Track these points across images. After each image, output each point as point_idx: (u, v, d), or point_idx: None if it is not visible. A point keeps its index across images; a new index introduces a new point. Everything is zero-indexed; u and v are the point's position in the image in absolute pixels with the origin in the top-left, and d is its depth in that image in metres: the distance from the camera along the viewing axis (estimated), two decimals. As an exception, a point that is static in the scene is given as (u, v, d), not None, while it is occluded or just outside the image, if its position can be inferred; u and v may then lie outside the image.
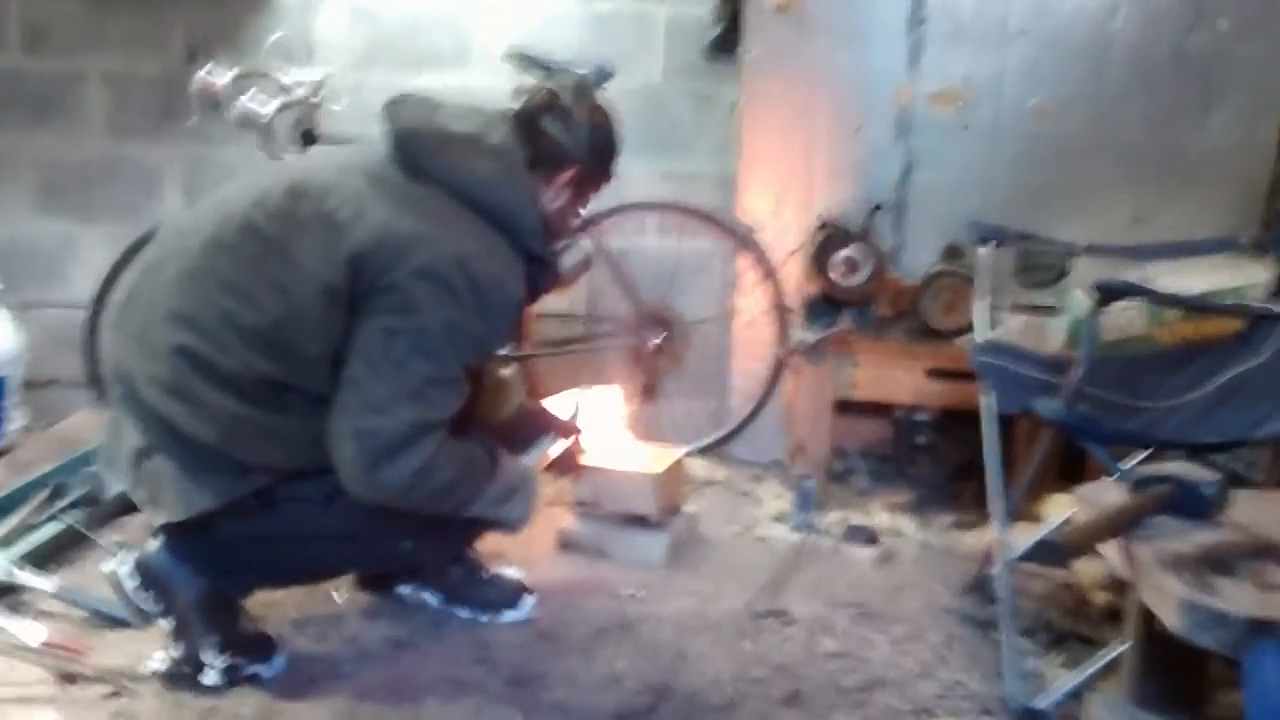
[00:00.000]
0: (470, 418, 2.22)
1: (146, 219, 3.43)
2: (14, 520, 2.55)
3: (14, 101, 3.48)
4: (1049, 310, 3.05)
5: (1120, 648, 2.00)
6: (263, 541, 2.06)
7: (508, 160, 2.12)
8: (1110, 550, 1.77)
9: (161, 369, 1.98)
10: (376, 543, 2.16)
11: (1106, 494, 1.91)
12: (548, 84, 2.23)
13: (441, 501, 2.08)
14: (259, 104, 3.00)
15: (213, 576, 2.09)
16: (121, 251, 3.29)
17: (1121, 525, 1.63)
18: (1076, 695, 2.03)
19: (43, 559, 2.54)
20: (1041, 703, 2.03)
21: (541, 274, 2.20)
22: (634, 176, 3.58)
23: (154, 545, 2.10)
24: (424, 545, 2.24)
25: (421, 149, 2.08)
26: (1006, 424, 2.46)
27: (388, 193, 2.03)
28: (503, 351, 3.14)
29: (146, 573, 2.08)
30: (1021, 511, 2.65)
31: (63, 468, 2.82)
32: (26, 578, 2.33)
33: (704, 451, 3.53)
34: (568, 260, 2.28)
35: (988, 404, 2.36)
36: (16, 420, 3.28)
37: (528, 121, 2.17)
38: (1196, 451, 2.18)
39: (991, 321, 2.79)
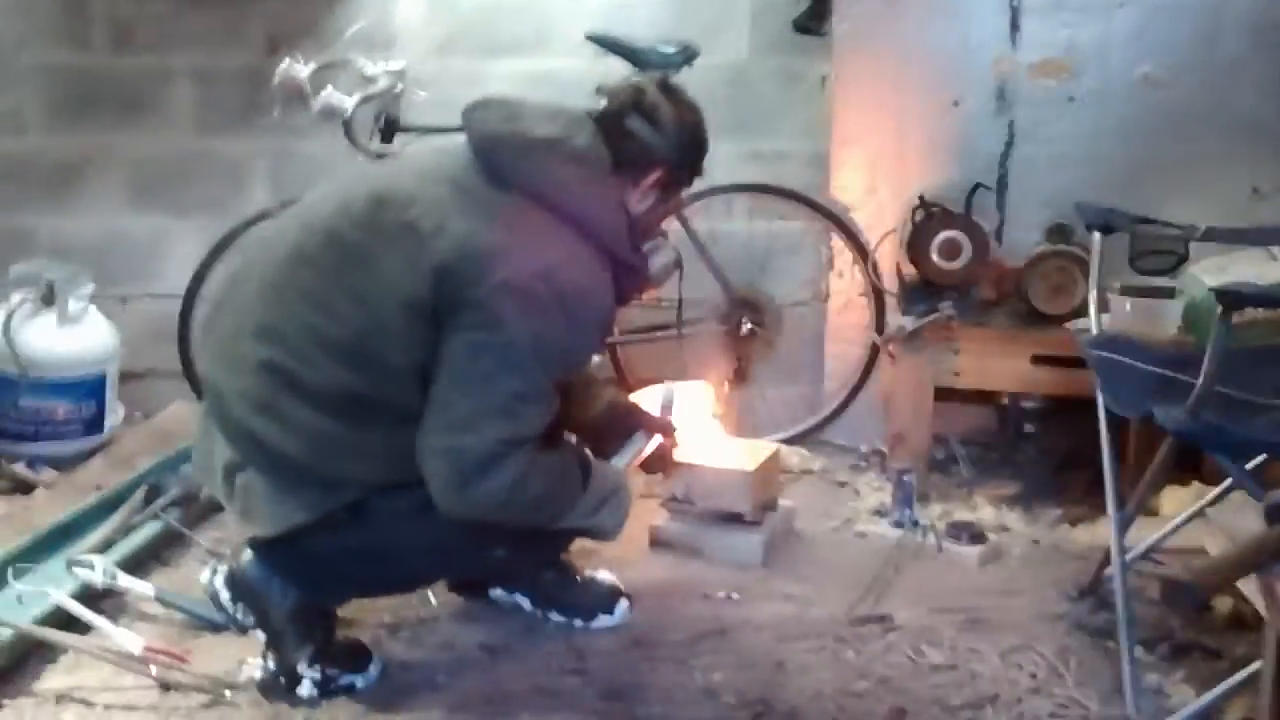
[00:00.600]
0: (559, 417, 2.17)
1: (235, 212, 3.42)
2: (113, 522, 2.57)
3: (103, 100, 3.50)
4: (1163, 292, 2.90)
5: (1251, 668, 1.88)
6: (355, 553, 2.03)
7: (592, 164, 2.04)
8: (1247, 585, 1.65)
9: (248, 384, 1.96)
10: (469, 552, 2.13)
11: (1239, 519, 1.79)
12: (633, 81, 2.14)
13: (535, 515, 2.04)
14: (340, 97, 2.97)
15: (305, 588, 2.07)
16: (212, 245, 3.30)
17: (1260, 561, 1.51)
18: (1204, 718, 1.92)
19: (142, 560, 2.56)
20: (1167, 724, 1.92)
21: (630, 279, 2.13)
22: (721, 157, 3.41)
23: (246, 557, 2.09)
24: (517, 552, 2.19)
25: (503, 156, 2.02)
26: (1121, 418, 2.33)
27: (471, 202, 1.98)
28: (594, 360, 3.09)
29: (239, 585, 2.08)
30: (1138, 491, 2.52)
31: (159, 466, 2.85)
32: (127, 582, 2.34)
33: (798, 439, 3.44)
34: (656, 262, 2.21)
35: (1103, 404, 2.23)
36: (116, 413, 3.32)
37: (613, 122, 2.08)
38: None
39: (1102, 305, 2.66)
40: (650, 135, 2.09)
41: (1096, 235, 2.55)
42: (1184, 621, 2.33)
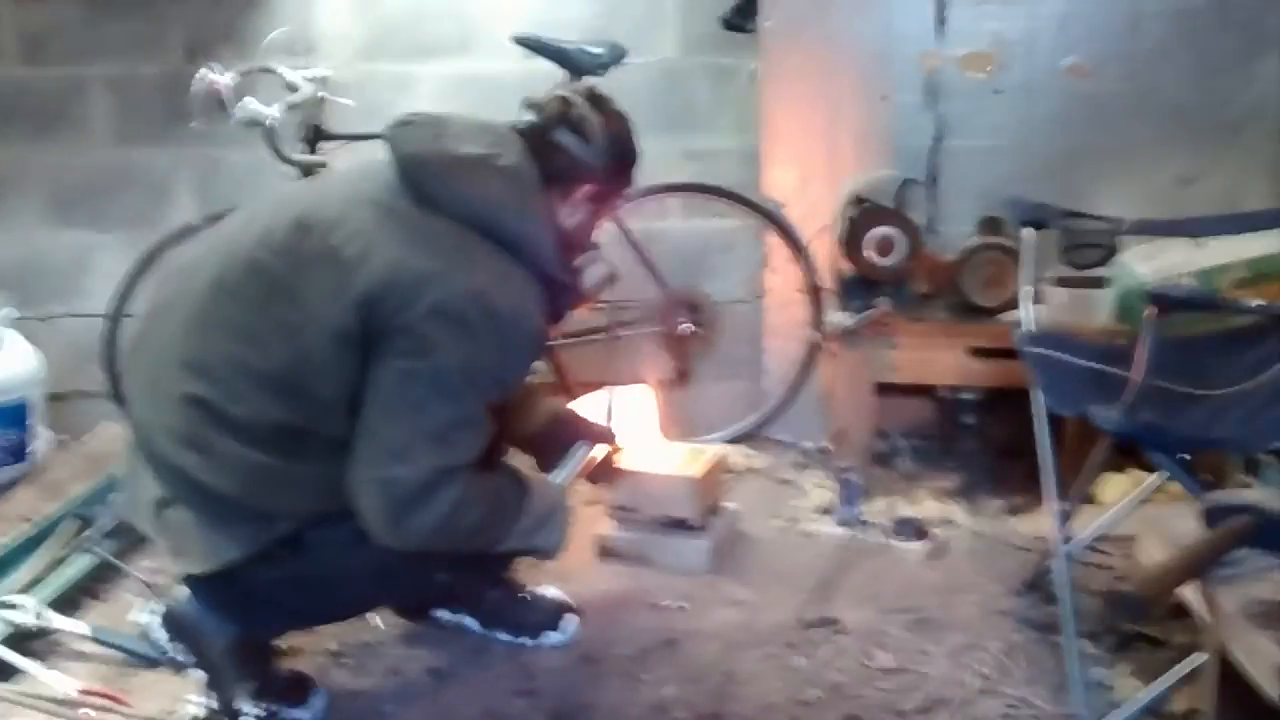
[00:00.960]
0: (499, 432, 2.13)
1: (160, 225, 3.34)
2: (42, 557, 2.49)
3: (16, 113, 3.40)
4: (1095, 281, 2.93)
5: (1194, 662, 1.90)
6: (292, 585, 1.98)
7: (520, 182, 1.99)
8: (1190, 593, 1.66)
9: (174, 419, 1.90)
10: (410, 578, 2.09)
11: (1176, 522, 1.80)
12: (559, 93, 2.09)
13: (471, 542, 2.00)
14: (260, 107, 2.90)
15: (243, 623, 2.02)
16: (137, 260, 3.21)
17: (1200, 567, 1.52)
18: (1151, 712, 1.94)
19: (74, 595, 2.49)
20: (1113, 722, 1.94)
21: (563, 296, 2.09)
22: (653, 156, 3.40)
23: (180, 595, 2.04)
24: (459, 575, 2.18)
25: (429, 176, 1.96)
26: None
27: (396, 225, 1.92)
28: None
29: (174, 624, 2.03)
30: (1070, 492, 2.54)
31: (88, 496, 2.77)
32: (59, 621, 2.28)
33: (741, 437, 3.44)
34: (590, 275, 2.17)
35: (1038, 401, 2.24)
36: (42, 438, 3.23)
37: (540, 136, 2.04)
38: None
39: (1036, 296, 2.67)
40: (579, 148, 2.05)
41: (1026, 231, 2.56)
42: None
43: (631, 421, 2.69)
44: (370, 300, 1.85)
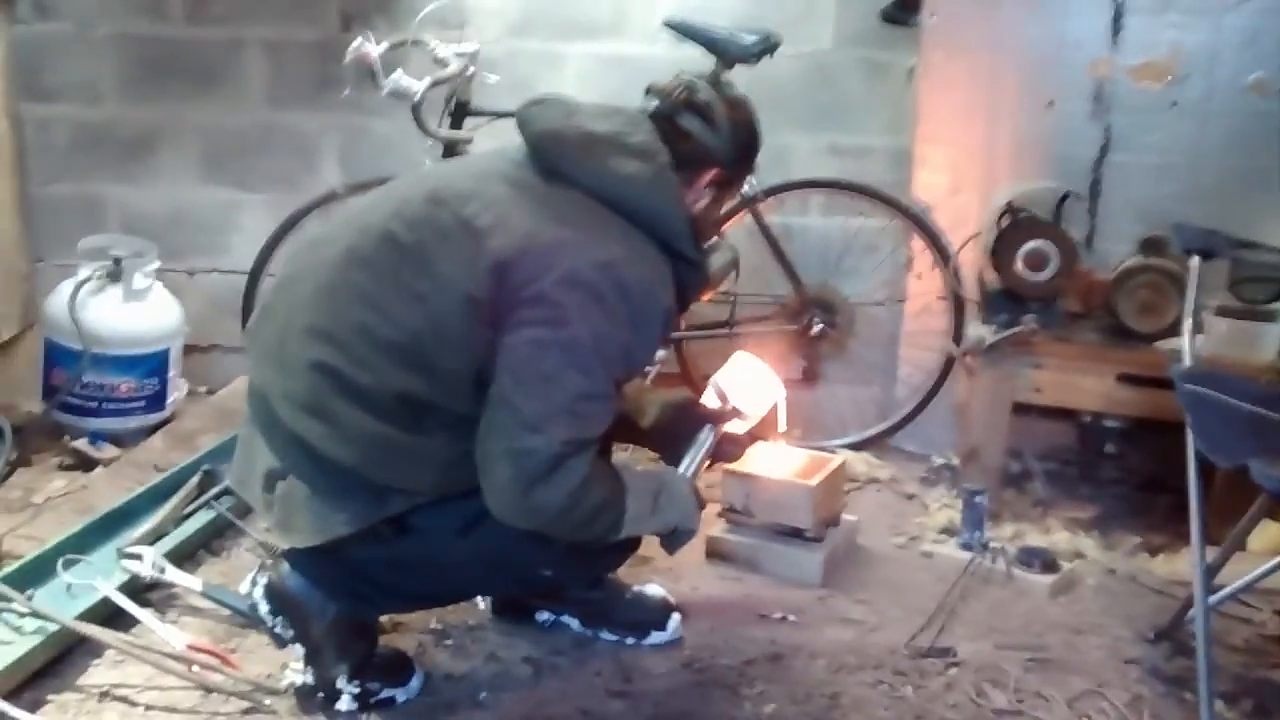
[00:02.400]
0: (616, 427, 2.09)
1: (304, 189, 3.40)
2: (166, 510, 2.55)
3: (177, 71, 3.47)
4: (1262, 314, 2.74)
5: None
6: (397, 567, 1.99)
7: (654, 161, 1.97)
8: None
9: (298, 386, 1.90)
10: (515, 570, 2.07)
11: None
12: (684, 79, 2.07)
13: (593, 524, 1.96)
14: (410, 80, 2.90)
15: (345, 601, 2.03)
16: (280, 222, 3.28)
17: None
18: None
19: (193, 550, 2.55)
20: (1245, 798, 1.80)
21: (692, 277, 2.05)
22: (799, 150, 3.37)
23: (285, 569, 2.04)
24: (565, 572, 2.14)
25: (564, 151, 1.96)
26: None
27: (529, 198, 1.92)
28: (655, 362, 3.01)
29: (278, 598, 2.03)
30: (1216, 535, 2.37)
31: (215, 451, 2.82)
32: (174, 576, 2.33)
33: (867, 444, 3.34)
34: (715, 262, 2.14)
35: (1193, 446, 2.09)
36: (180, 389, 3.32)
37: (669, 120, 2.02)
38: None
39: (1197, 326, 2.50)
40: (705, 134, 2.03)
41: (1194, 259, 2.40)
42: (1267, 669, 2.19)
43: (753, 391, 2.54)
44: (502, 268, 1.85)
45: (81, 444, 3.03)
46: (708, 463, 2.33)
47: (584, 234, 1.90)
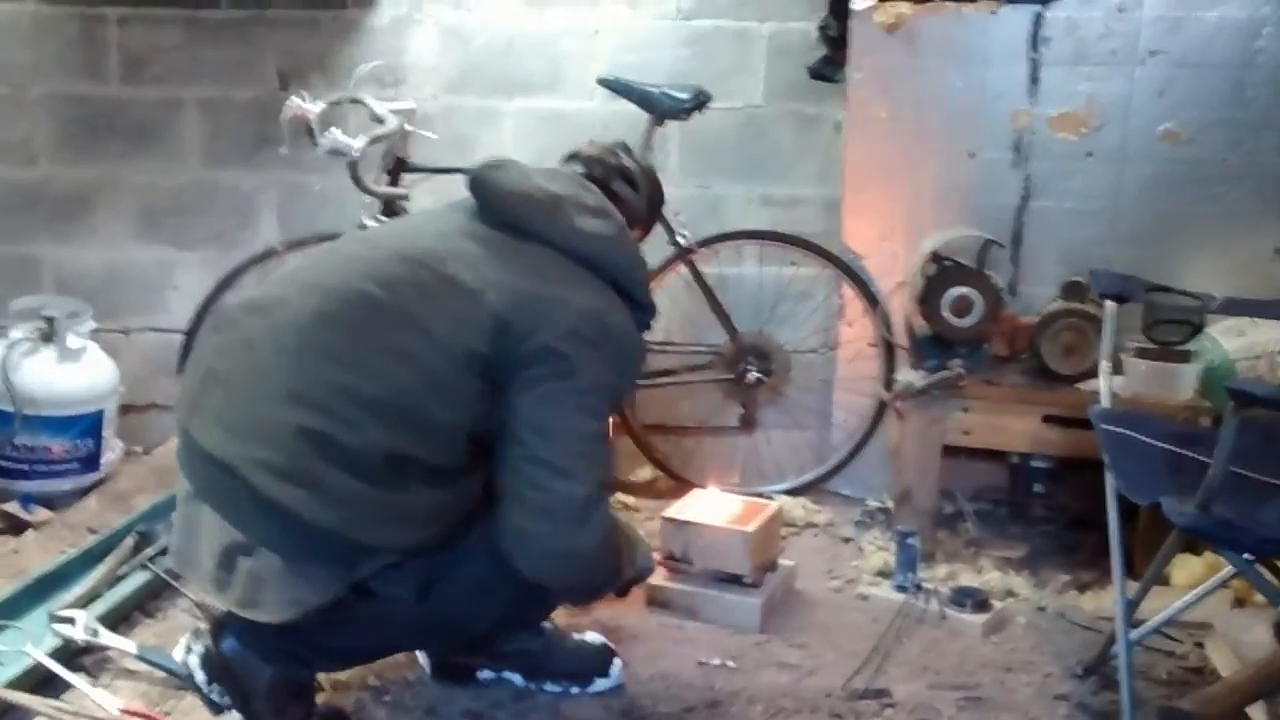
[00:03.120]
0: None
1: (242, 246, 3.41)
2: (99, 572, 2.53)
3: (112, 130, 3.48)
4: (1179, 355, 2.83)
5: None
6: (339, 629, 1.99)
7: (613, 219, 2.13)
8: (1257, 713, 1.57)
9: (275, 454, 1.84)
10: (457, 628, 2.11)
11: (1245, 632, 1.71)
12: (602, 146, 2.26)
13: (606, 567, 2.12)
14: (346, 140, 2.93)
15: (282, 664, 2.02)
16: (217, 280, 3.27)
17: (1268, 688, 1.44)
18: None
19: (128, 611, 2.52)
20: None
21: (645, 323, 2.20)
22: (732, 201, 3.45)
23: (222, 635, 2.02)
24: (506, 625, 2.19)
25: (534, 212, 2.07)
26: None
27: (504, 255, 2.02)
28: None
29: (213, 666, 2.02)
30: (1141, 570, 2.44)
31: (150, 512, 2.81)
32: (108, 639, 2.30)
33: (804, 489, 3.38)
34: None
35: (1112, 484, 2.16)
36: (114, 450, 3.30)
37: (603, 185, 2.19)
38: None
39: (1116, 367, 2.58)
40: (632, 197, 2.23)
41: (1109, 304, 2.48)
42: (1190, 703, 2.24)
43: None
44: (503, 324, 1.93)
45: (12, 507, 2.99)
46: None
47: (568, 288, 2.01)
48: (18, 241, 3.53)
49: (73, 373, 3.14)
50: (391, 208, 3.09)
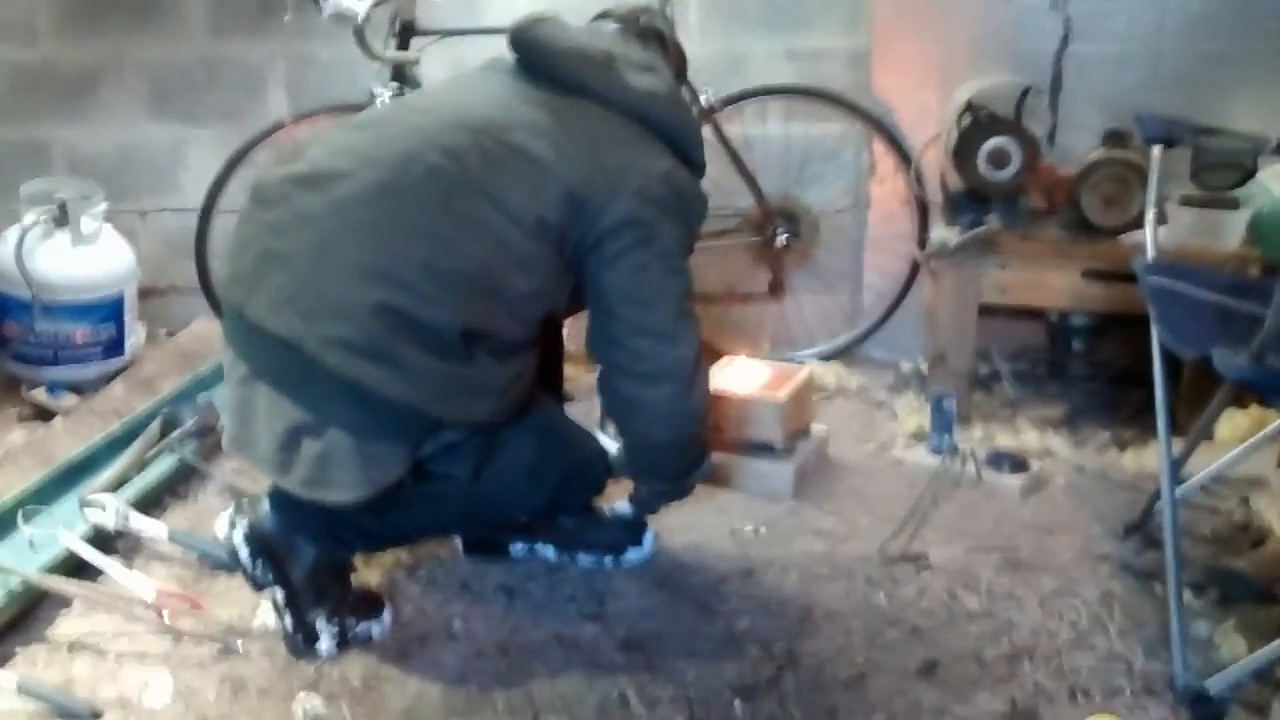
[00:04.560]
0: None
1: (252, 120, 3.31)
2: (127, 457, 2.52)
3: (115, 4, 3.35)
4: (1226, 202, 2.70)
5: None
6: (390, 512, 1.97)
7: (664, 76, 2.09)
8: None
9: (350, 330, 1.78)
10: (501, 513, 2.12)
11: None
12: (629, 8, 2.20)
13: (705, 421, 2.16)
14: (352, 2, 2.81)
15: (327, 546, 2.01)
16: (229, 157, 3.20)
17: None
18: (1260, 677, 1.81)
19: (158, 495, 2.52)
20: (1216, 686, 1.80)
21: (699, 177, 2.15)
22: (755, 56, 3.29)
23: (266, 513, 2.00)
24: (548, 512, 2.19)
25: (587, 70, 2.02)
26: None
27: (565, 121, 1.97)
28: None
29: (258, 543, 2.00)
30: (1184, 427, 2.37)
31: (176, 395, 2.79)
32: (139, 523, 2.30)
33: (835, 354, 3.32)
34: None
35: (1157, 339, 2.07)
36: (138, 334, 3.27)
37: (639, 43, 2.14)
38: None
39: (1160, 218, 2.47)
40: (664, 58, 2.17)
41: (1156, 149, 2.36)
42: (1236, 560, 2.20)
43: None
44: (574, 193, 1.91)
45: (39, 394, 2.98)
46: None
47: (635, 152, 1.99)
48: (26, 124, 3.43)
49: (89, 257, 3.08)
50: (402, 74, 2.97)
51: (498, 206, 1.88)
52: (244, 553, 2.01)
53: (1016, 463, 2.62)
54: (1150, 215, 2.36)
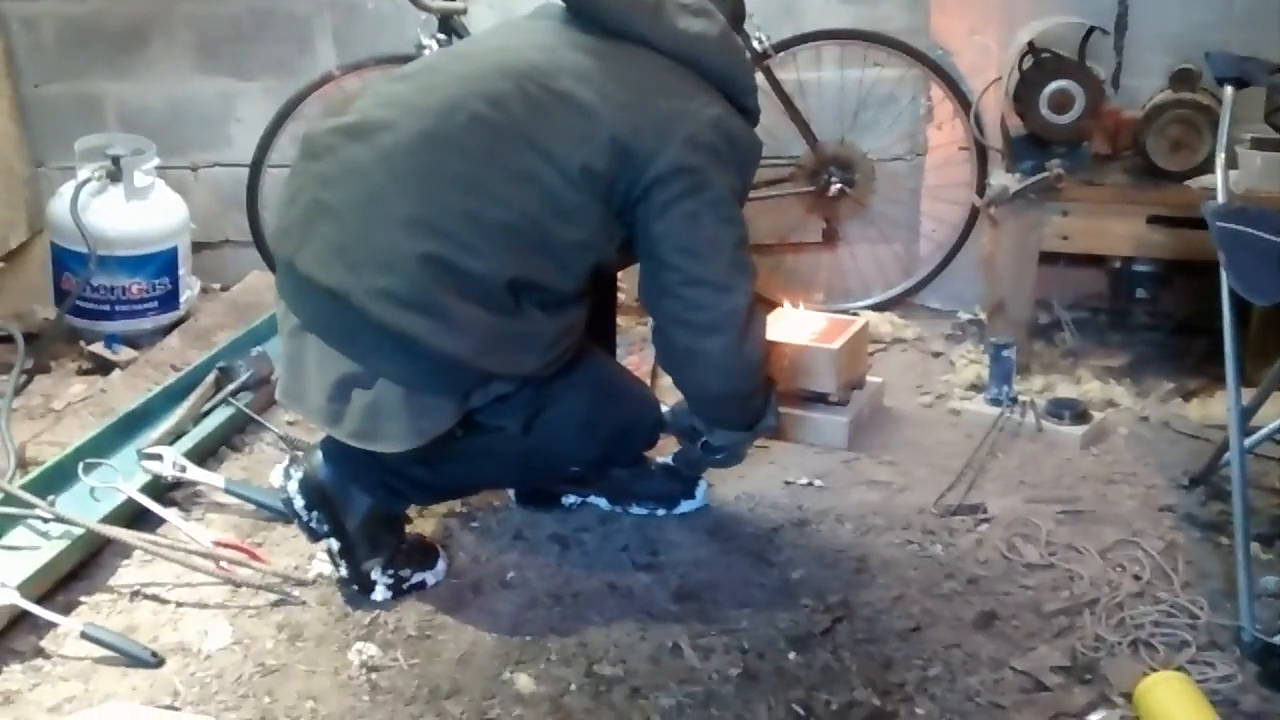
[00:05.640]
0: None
1: (300, 73, 3.30)
2: (183, 409, 2.53)
3: (162, -42, 3.35)
4: (1301, 144, 2.62)
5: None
6: (442, 464, 1.98)
7: (716, 19, 2.04)
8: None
9: (399, 281, 1.78)
10: (553, 464, 2.13)
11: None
12: None
13: (763, 369, 2.13)
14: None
15: (380, 495, 2.01)
16: (278, 110, 3.20)
17: None
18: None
19: (214, 447, 2.54)
20: (1285, 639, 1.76)
21: (753, 123, 2.11)
22: (809, 0, 3.22)
23: (320, 464, 2.00)
24: (599, 465, 2.20)
25: (635, 13, 1.97)
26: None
27: (614, 66, 1.93)
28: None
29: (313, 492, 2.00)
30: (1253, 378, 2.30)
31: (229, 347, 2.80)
32: (196, 474, 2.32)
33: (891, 304, 3.27)
34: None
35: (1228, 286, 2.01)
36: (193, 287, 3.29)
37: None
38: None
39: (1230, 162, 2.39)
40: (719, 3, 2.09)
41: (1228, 89, 2.27)
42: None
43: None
44: (620, 144, 1.87)
45: (98, 347, 3.01)
46: None
47: (685, 98, 1.94)
48: (78, 79, 3.44)
49: (142, 211, 3.09)
50: (449, 24, 2.95)
51: (543, 155, 1.84)
52: (299, 503, 2.02)
53: (1078, 413, 2.57)
54: (1221, 158, 2.28)
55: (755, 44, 2.99)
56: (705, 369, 2.03)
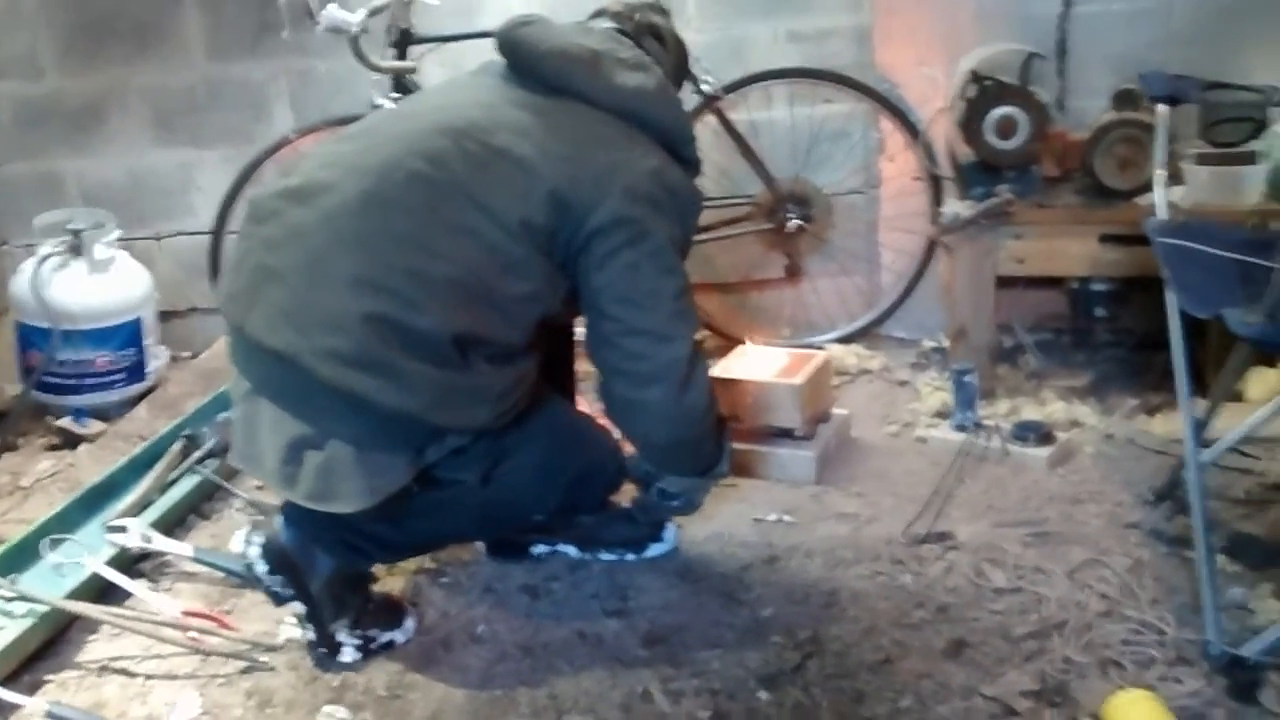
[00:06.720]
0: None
1: (257, 139, 3.33)
2: (150, 479, 2.53)
3: (115, 33, 3.37)
4: (1242, 158, 2.65)
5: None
6: (403, 521, 1.97)
7: (653, 73, 2.05)
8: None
9: (343, 341, 1.77)
10: (514, 515, 2.11)
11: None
12: (623, 3, 2.16)
13: (711, 419, 2.09)
14: (344, 14, 2.81)
15: (343, 556, 2.00)
16: (236, 175, 3.22)
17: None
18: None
19: (182, 515, 2.53)
20: (1251, 650, 1.76)
21: (692, 174, 2.13)
22: (757, 41, 3.27)
23: (282, 527, 2.00)
24: (563, 512, 2.18)
25: (573, 69, 1.99)
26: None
27: (551, 121, 1.94)
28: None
29: (275, 557, 1.99)
30: (1215, 391, 2.32)
31: (195, 416, 2.80)
32: (163, 544, 2.31)
33: (856, 336, 3.29)
34: None
35: (1171, 300, 2.03)
36: (160, 357, 3.29)
37: (634, 41, 2.10)
38: None
39: (1176, 177, 2.42)
40: (661, 55, 2.13)
41: (1162, 108, 2.31)
42: (1269, 523, 2.16)
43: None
44: (560, 194, 1.88)
45: (65, 422, 3.00)
46: None
47: (623, 150, 1.96)
48: (37, 157, 3.46)
49: (104, 284, 3.10)
50: (401, 83, 2.98)
51: (483, 210, 1.85)
52: (261, 568, 2.01)
53: (1043, 434, 2.58)
54: (1158, 175, 2.31)
55: (705, 86, 3.03)
56: (647, 418, 2.02)
